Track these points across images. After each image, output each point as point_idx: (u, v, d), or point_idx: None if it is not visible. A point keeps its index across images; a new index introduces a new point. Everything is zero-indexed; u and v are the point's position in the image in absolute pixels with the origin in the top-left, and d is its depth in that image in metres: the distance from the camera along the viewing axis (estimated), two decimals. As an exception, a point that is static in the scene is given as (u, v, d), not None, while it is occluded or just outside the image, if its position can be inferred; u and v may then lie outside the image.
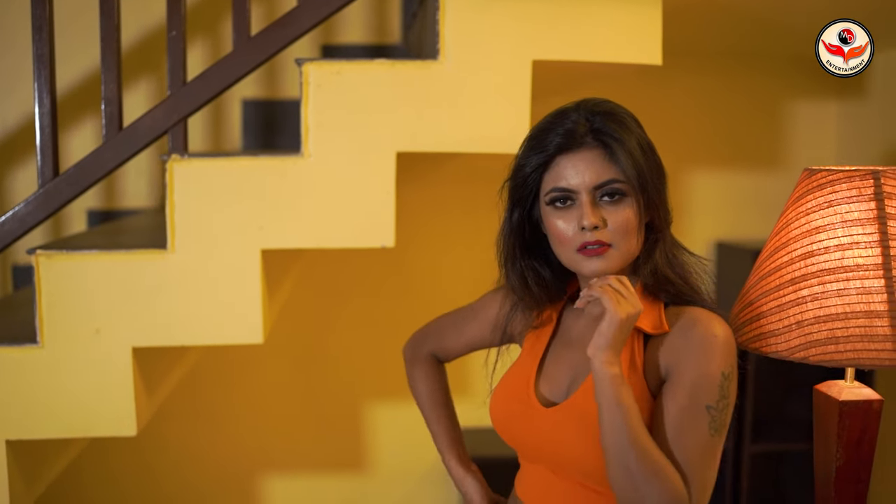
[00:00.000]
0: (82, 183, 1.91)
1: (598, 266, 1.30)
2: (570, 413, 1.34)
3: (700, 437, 1.24)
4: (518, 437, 1.43)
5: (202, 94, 1.89)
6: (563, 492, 1.37)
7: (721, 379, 1.25)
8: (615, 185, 1.30)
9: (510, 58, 1.84)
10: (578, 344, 1.41)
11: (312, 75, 1.81)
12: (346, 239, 1.86)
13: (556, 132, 1.32)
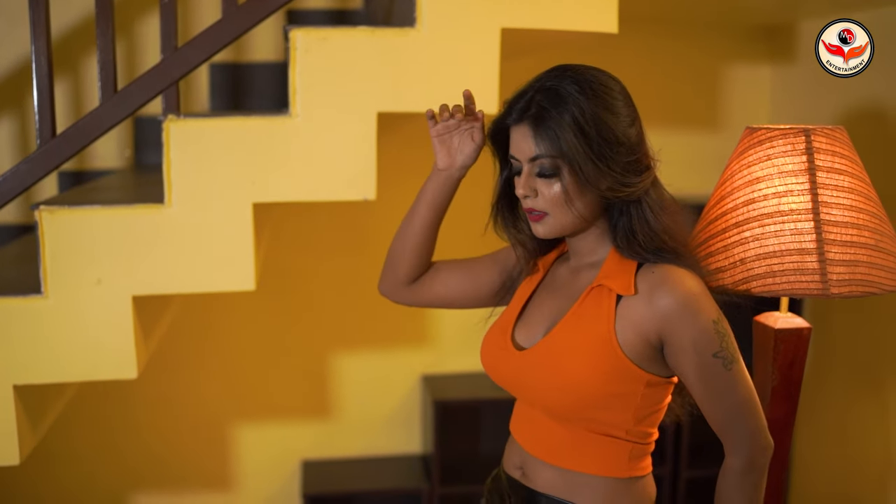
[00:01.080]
0: (80, 142, 2.02)
1: (538, 230, 1.45)
2: (537, 356, 1.47)
3: (721, 379, 1.40)
4: (499, 377, 1.56)
5: (193, 58, 2.02)
6: (541, 426, 1.51)
7: (713, 325, 1.39)
8: (541, 161, 1.40)
9: (481, 25, 2.01)
10: (560, 292, 1.53)
11: (300, 41, 1.95)
12: (330, 192, 2.02)
13: (514, 106, 1.45)
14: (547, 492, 1.51)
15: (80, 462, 3.29)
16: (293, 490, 3.44)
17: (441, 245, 1.76)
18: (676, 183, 3.59)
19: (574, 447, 1.48)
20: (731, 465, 1.47)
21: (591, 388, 1.41)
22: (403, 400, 3.48)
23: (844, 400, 3.19)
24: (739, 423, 1.44)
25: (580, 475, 1.48)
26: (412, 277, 1.71)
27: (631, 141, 1.44)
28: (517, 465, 1.57)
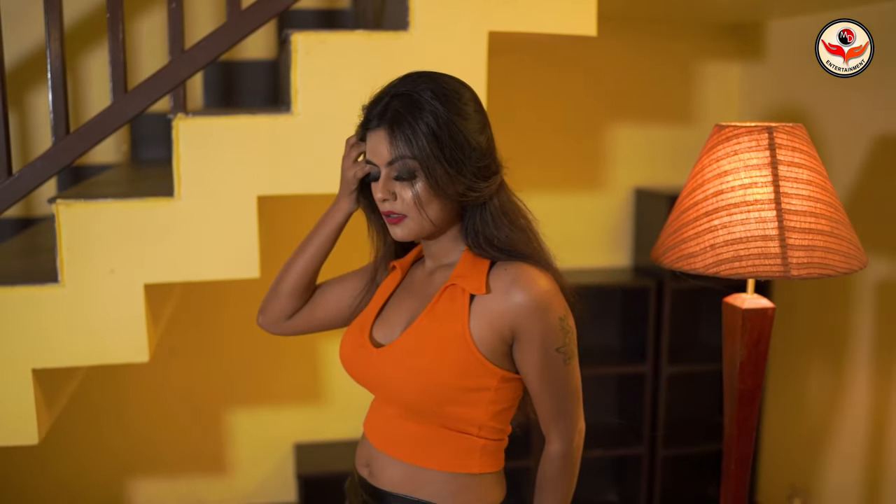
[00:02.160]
0: (92, 139, 2.15)
1: (397, 233, 1.48)
2: (393, 353, 1.50)
3: (560, 373, 1.48)
4: (357, 375, 1.59)
5: (200, 59, 2.15)
6: (393, 422, 1.54)
7: (559, 322, 1.45)
8: (398, 164, 1.42)
9: (470, 29, 2.15)
10: (416, 293, 1.58)
11: (301, 43, 2.09)
12: (332, 185, 2.15)
13: (373, 112, 1.47)
14: (392, 489, 1.54)
15: (77, 448, 3.40)
16: (287, 472, 3.58)
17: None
18: (654, 175, 3.77)
19: (425, 443, 1.51)
20: (555, 451, 1.54)
21: (446, 383, 1.45)
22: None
23: (807, 373, 3.37)
24: (566, 413, 1.52)
25: (428, 471, 1.51)
26: (297, 310, 1.74)
27: (482, 146, 1.48)
28: (365, 464, 1.61)
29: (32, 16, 2.77)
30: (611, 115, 3.64)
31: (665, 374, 3.50)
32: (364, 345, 1.56)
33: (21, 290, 2.06)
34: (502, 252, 1.48)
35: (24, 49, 3.06)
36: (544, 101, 3.57)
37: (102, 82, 3.15)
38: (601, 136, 3.64)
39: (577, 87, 3.60)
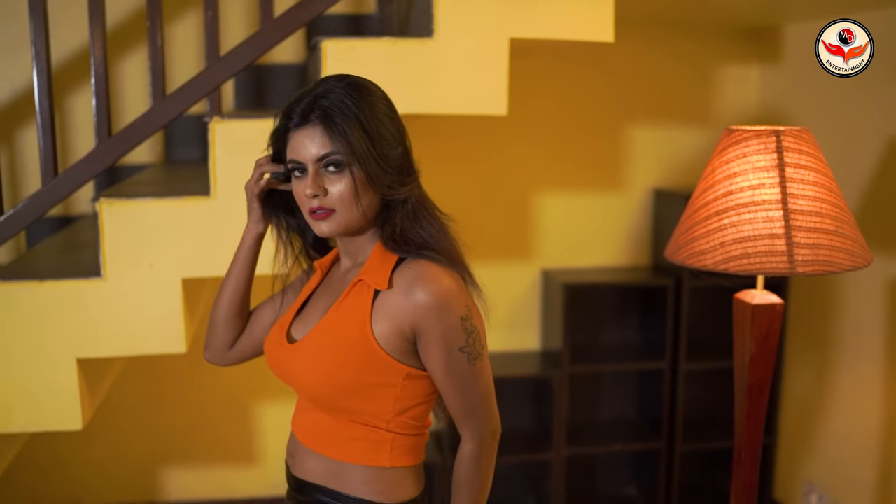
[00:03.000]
0: (133, 141, 2.26)
1: (324, 228, 1.49)
2: (303, 348, 1.55)
3: (464, 373, 1.49)
4: (275, 371, 1.63)
5: (234, 65, 2.26)
6: (311, 416, 1.59)
7: (461, 322, 1.47)
8: (333, 157, 1.44)
9: (491, 36, 2.24)
10: (331, 290, 1.62)
11: (330, 50, 2.19)
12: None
13: (294, 111, 1.48)
14: (311, 480, 1.58)
15: (115, 435, 3.54)
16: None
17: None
18: (672, 176, 3.84)
19: (338, 436, 1.55)
20: (466, 451, 1.55)
21: (348, 378, 1.49)
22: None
23: (824, 370, 3.43)
24: (477, 413, 1.53)
25: (342, 464, 1.55)
26: (237, 337, 1.78)
27: (403, 145, 1.53)
28: (291, 455, 1.66)
29: (68, 21, 2.89)
30: (630, 117, 3.72)
31: (683, 370, 3.58)
32: (281, 341, 1.61)
33: (66, 283, 2.17)
34: (414, 247, 1.51)
35: (61, 53, 3.18)
36: (564, 104, 3.66)
37: (136, 86, 3.27)
38: (620, 138, 3.72)
39: (596, 89, 3.68)
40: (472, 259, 2.60)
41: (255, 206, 1.67)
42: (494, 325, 3.73)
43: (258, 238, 1.71)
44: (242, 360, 1.82)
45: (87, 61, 3.19)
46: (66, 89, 3.25)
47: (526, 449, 3.64)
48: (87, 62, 3.19)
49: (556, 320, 3.55)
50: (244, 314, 1.78)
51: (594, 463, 3.88)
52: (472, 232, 3.66)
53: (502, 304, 3.73)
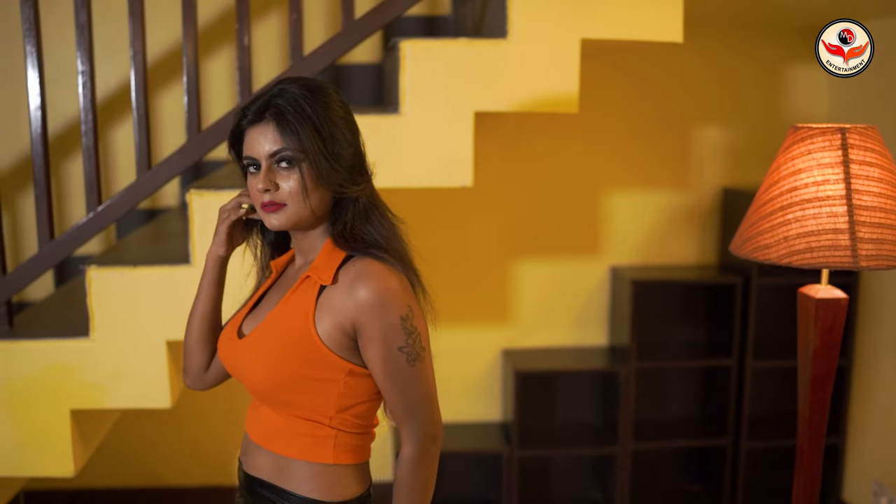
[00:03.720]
0: (220, 137, 2.40)
1: (273, 221, 1.52)
2: (249, 342, 1.59)
3: (404, 373, 1.51)
4: (228, 367, 1.66)
5: (317, 64, 2.38)
6: (260, 412, 1.63)
7: (401, 322, 1.50)
8: (284, 154, 1.48)
9: (563, 37, 2.31)
10: (283, 287, 1.65)
11: (408, 50, 2.29)
12: (432, 180, 2.35)
13: (249, 109, 1.53)
14: (260, 476, 1.62)
15: (198, 418, 3.70)
16: (385, 452, 3.79)
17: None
18: (743, 175, 3.85)
19: (282, 432, 1.58)
20: (406, 454, 1.55)
21: (288, 371, 1.51)
22: (485, 372, 3.81)
23: (893, 365, 3.42)
24: (416, 415, 1.53)
25: (287, 459, 1.57)
26: (210, 359, 1.78)
27: (356, 146, 1.57)
28: (243, 452, 1.69)
29: (153, 23, 3.04)
30: (699, 116, 3.74)
31: (750, 368, 3.60)
32: (232, 337, 1.64)
33: (157, 269, 2.31)
34: (363, 245, 1.54)
35: (149, 54, 3.34)
36: (633, 103, 3.71)
37: (221, 84, 3.41)
38: (690, 137, 3.75)
39: (665, 88, 3.72)
40: (543, 255, 2.68)
41: (221, 230, 1.69)
42: (562, 320, 3.80)
43: (220, 261, 1.73)
44: (219, 380, 1.82)
45: (171, 61, 3.35)
46: (153, 88, 3.41)
47: (592, 442, 3.70)
48: (171, 62, 3.35)
49: (624, 316, 3.60)
50: (216, 336, 1.78)
51: (659, 458, 3.91)
52: (541, 229, 3.75)
53: (570, 300, 3.79)
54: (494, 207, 3.67)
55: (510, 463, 3.58)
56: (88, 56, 2.40)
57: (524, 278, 3.75)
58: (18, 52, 2.97)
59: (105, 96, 3.38)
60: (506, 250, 3.73)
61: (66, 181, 3.47)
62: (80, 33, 2.40)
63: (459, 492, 3.85)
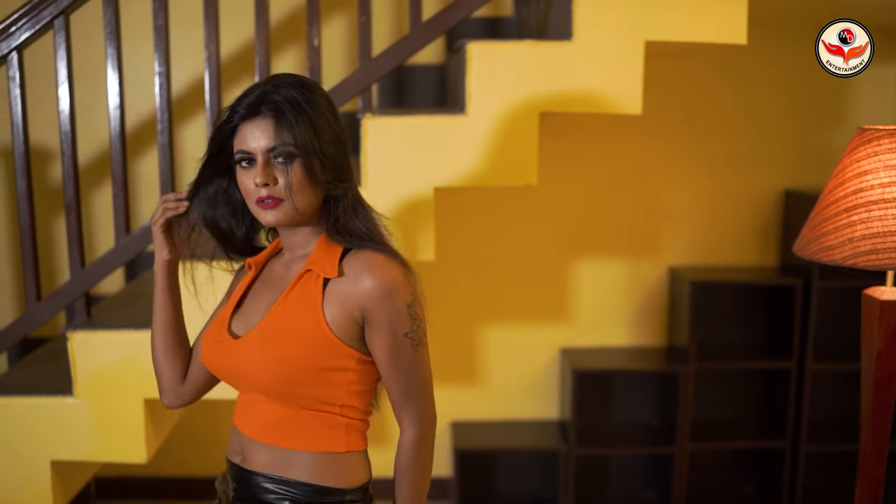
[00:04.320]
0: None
1: (270, 217, 1.53)
2: (251, 341, 1.57)
3: (408, 358, 1.57)
4: (216, 368, 1.64)
5: (385, 66, 2.44)
6: (259, 409, 1.61)
7: (407, 309, 1.55)
8: (283, 149, 1.48)
9: (628, 39, 2.34)
10: (274, 284, 1.65)
11: (475, 52, 2.34)
12: (497, 179, 2.40)
13: (243, 103, 1.52)
14: (262, 471, 1.61)
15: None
16: (443, 446, 3.85)
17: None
18: (806, 177, 3.80)
19: (290, 425, 1.58)
20: (407, 439, 1.61)
21: (303, 365, 1.53)
22: (543, 370, 3.84)
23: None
24: (417, 400, 1.60)
25: (294, 452, 1.59)
26: (185, 371, 1.77)
27: (343, 143, 1.58)
28: (238, 452, 1.67)
29: (232, 21, 3.13)
30: (762, 117, 3.73)
31: (810, 370, 3.58)
32: (222, 339, 1.62)
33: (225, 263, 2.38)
34: (356, 239, 1.57)
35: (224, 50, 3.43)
36: (694, 104, 3.70)
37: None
38: (752, 138, 3.74)
39: (726, 89, 3.70)
40: (601, 254, 2.70)
41: (158, 237, 1.69)
42: (620, 320, 3.82)
43: (168, 265, 1.72)
44: (199, 392, 1.81)
45: (237, 63, 3.44)
46: (226, 85, 3.50)
47: (648, 442, 3.71)
48: (237, 63, 3.44)
49: (682, 317, 3.60)
50: (184, 344, 1.78)
51: (715, 460, 3.90)
52: (600, 229, 3.77)
53: (628, 300, 3.81)
54: (554, 207, 3.70)
55: (567, 461, 3.60)
56: (165, 58, 2.49)
57: (583, 278, 3.77)
58: (90, 55, 3.07)
59: (175, 96, 3.49)
60: (565, 250, 3.76)
61: (133, 179, 3.57)
62: (158, 35, 2.49)
63: (516, 489, 3.89)
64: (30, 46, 2.51)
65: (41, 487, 2.57)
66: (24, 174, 2.56)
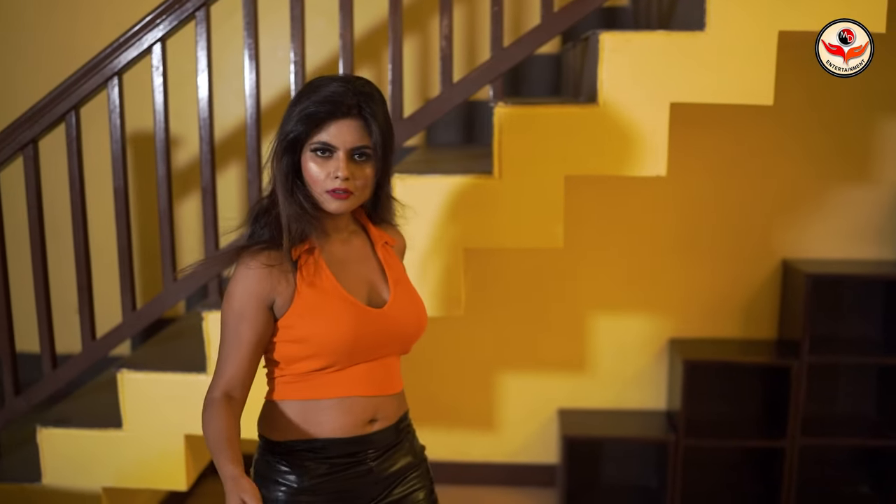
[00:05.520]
0: (423, 124, 2.53)
1: (340, 206, 1.70)
2: (399, 304, 1.81)
3: None
4: (367, 340, 1.73)
5: (516, 55, 2.48)
6: (388, 368, 1.81)
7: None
8: (365, 150, 1.69)
9: (761, 30, 2.33)
10: (354, 260, 1.81)
11: (608, 42, 2.36)
12: (627, 168, 2.41)
13: (329, 100, 1.67)
14: (398, 417, 1.85)
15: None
16: (550, 434, 3.89)
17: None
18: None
19: (398, 371, 1.87)
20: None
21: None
22: (652, 360, 3.84)
23: None
24: None
25: (399, 393, 1.87)
26: (248, 388, 1.74)
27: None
28: (366, 421, 1.77)
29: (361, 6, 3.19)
30: (883, 108, 3.65)
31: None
32: (366, 312, 1.75)
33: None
34: (391, 217, 1.92)
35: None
36: (810, 95, 3.62)
37: (408, 74, 3.55)
38: (871, 130, 3.66)
39: (846, 80, 3.62)
40: (714, 246, 2.68)
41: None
42: (730, 312, 3.79)
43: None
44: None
45: (359, 51, 3.52)
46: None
47: (757, 435, 3.68)
48: (359, 52, 3.51)
49: (796, 310, 3.56)
50: (246, 388, 1.75)
51: (827, 456, 3.85)
52: (714, 220, 3.72)
53: (740, 293, 3.78)
54: (668, 198, 3.69)
55: (675, 451, 3.60)
56: (301, 47, 2.57)
57: (694, 269, 3.75)
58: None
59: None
60: (677, 241, 3.74)
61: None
62: (294, 26, 2.57)
63: (621, 478, 3.91)
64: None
65: (176, 459, 2.71)
66: (164, 160, 2.68)
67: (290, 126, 1.70)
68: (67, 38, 3.71)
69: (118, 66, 2.61)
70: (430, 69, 3.66)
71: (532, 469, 3.95)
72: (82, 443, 2.74)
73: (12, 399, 2.85)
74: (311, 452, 1.76)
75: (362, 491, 1.80)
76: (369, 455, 1.80)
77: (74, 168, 2.69)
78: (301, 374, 1.74)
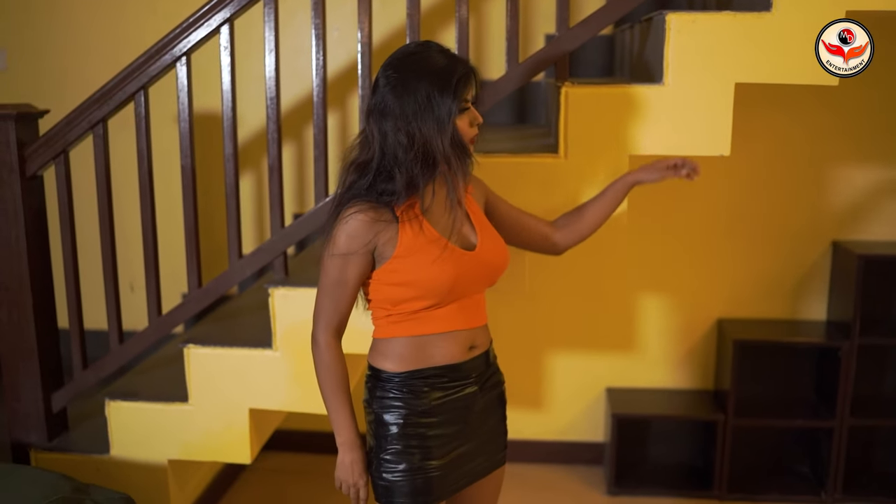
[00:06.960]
0: (487, 104, 2.56)
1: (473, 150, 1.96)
2: (486, 245, 2.00)
3: None
4: (464, 280, 1.93)
5: (581, 36, 2.50)
6: (478, 302, 2.03)
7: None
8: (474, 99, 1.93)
9: (829, 8, 2.32)
10: (442, 208, 1.95)
11: (674, 23, 2.37)
12: (691, 148, 2.43)
13: (460, 62, 1.87)
14: (489, 344, 2.09)
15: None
16: (598, 412, 3.93)
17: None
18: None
19: (484, 304, 2.07)
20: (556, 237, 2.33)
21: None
22: (700, 340, 3.87)
23: None
24: None
25: (486, 325, 2.08)
26: (344, 325, 2.01)
27: None
28: (467, 348, 2.01)
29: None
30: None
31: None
32: (460, 255, 1.93)
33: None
34: None
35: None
36: (863, 76, 3.60)
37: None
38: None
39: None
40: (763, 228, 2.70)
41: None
42: (780, 293, 3.81)
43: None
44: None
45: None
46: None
47: (806, 415, 3.70)
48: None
49: (846, 291, 3.57)
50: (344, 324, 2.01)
51: (875, 437, 3.87)
52: (764, 201, 3.71)
53: (789, 274, 3.79)
54: (720, 179, 3.70)
55: (724, 431, 3.63)
56: (368, 27, 2.61)
57: (744, 249, 3.77)
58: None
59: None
60: (728, 221, 3.76)
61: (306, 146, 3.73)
62: (361, 7, 2.60)
63: (669, 456, 3.95)
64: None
65: (240, 433, 2.76)
66: (232, 138, 2.72)
67: (449, 96, 1.83)
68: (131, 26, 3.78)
69: (186, 46, 2.65)
70: (486, 50, 3.69)
71: (580, 447, 4.00)
72: (149, 416, 2.80)
73: (80, 372, 2.92)
74: (424, 380, 1.97)
75: (469, 409, 2.03)
76: (471, 378, 2.02)
77: (143, 146, 2.74)
78: (408, 314, 1.94)
